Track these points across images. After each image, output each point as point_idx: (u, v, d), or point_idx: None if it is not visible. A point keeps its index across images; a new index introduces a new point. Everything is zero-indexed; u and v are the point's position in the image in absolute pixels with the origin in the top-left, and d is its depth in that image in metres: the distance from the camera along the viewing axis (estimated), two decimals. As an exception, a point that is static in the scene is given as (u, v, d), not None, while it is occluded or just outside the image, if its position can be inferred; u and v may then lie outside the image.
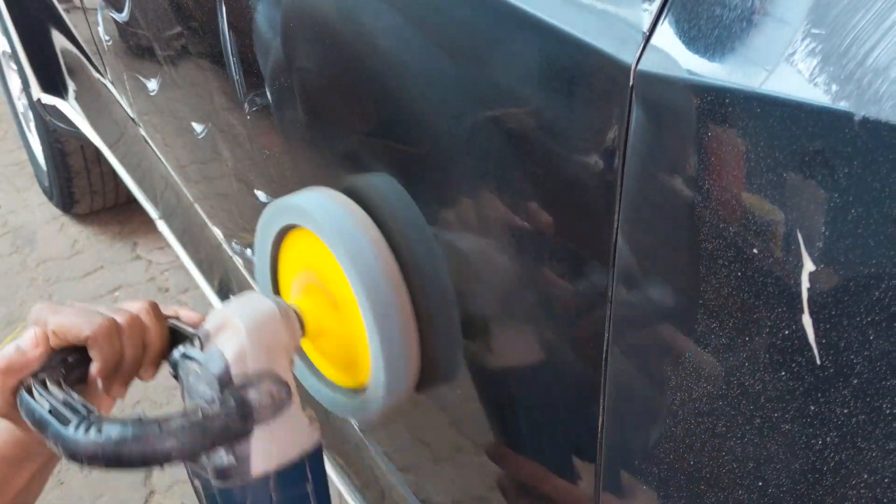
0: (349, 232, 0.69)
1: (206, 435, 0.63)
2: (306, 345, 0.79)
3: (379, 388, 0.71)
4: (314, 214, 0.71)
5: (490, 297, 0.65)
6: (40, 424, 0.64)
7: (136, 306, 0.75)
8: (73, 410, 0.63)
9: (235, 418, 0.64)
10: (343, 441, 1.21)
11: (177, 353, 0.70)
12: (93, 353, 0.71)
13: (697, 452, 0.47)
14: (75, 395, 0.66)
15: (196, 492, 0.73)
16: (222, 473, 0.67)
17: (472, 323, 0.68)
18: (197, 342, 0.68)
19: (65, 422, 0.62)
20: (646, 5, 0.45)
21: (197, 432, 0.62)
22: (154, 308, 0.76)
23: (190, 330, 0.75)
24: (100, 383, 0.72)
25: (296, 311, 0.73)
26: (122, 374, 0.73)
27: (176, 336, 0.76)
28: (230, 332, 0.67)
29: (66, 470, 1.86)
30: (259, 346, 0.67)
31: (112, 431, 0.60)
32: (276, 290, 0.85)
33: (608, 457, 0.55)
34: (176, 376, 0.70)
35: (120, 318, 0.72)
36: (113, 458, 0.61)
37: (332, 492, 0.77)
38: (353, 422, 1.11)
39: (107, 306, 0.74)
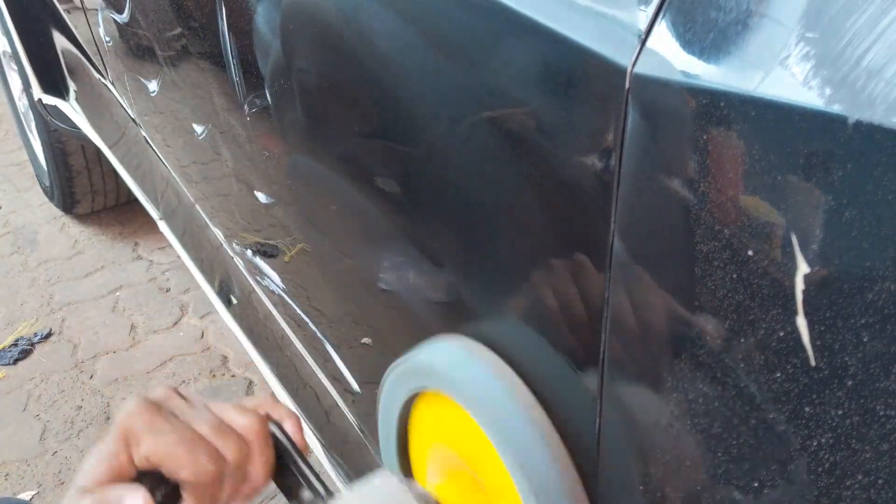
0: (499, 401, 0.56)
1: None
2: None
3: None
4: (453, 377, 0.59)
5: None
6: None
7: (246, 424, 0.62)
8: None
9: None
10: (343, 441, 1.22)
11: None
12: (187, 498, 0.60)
13: (693, 454, 0.47)
14: None
15: None
16: None
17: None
18: None
19: None
20: (642, 8, 0.45)
21: None
22: (265, 430, 0.63)
23: (298, 461, 0.64)
24: None
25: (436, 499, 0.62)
26: None
27: (279, 456, 0.64)
28: None
29: (66, 470, 1.86)
30: None
31: None
32: (406, 466, 0.72)
33: (606, 457, 0.55)
34: None
35: (228, 452, 0.60)
36: None
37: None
38: (352, 420, 1.11)
39: (213, 425, 0.60)
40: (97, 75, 1.85)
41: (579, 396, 0.56)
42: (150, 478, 0.58)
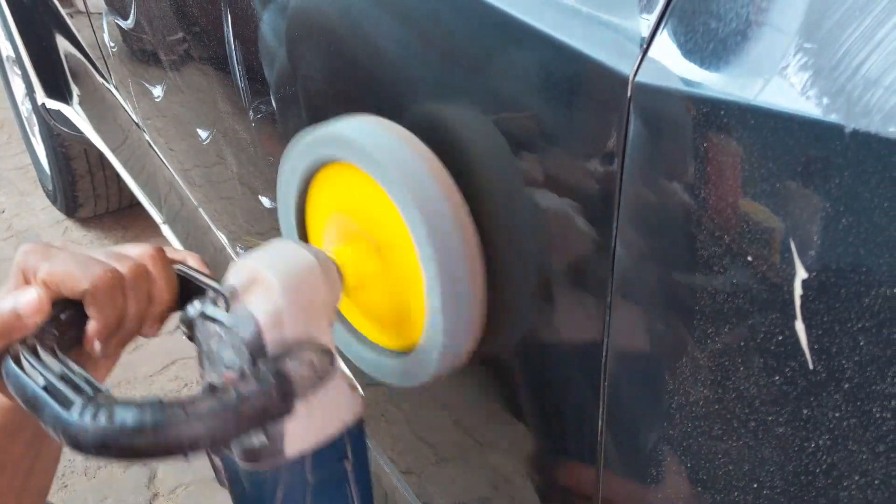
0: (413, 168, 0.58)
1: (240, 419, 0.51)
2: (343, 300, 0.67)
3: (434, 348, 0.61)
4: (364, 146, 0.59)
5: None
6: (34, 403, 0.53)
7: (139, 251, 0.64)
8: (75, 388, 0.52)
9: (274, 397, 0.52)
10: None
11: (193, 310, 0.58)
12: (91, 311, 0.60)
13: (694, 455, 0.48)
14: (75, 367, 0.55)
15: (216, 472, 0.63)
16: (251, 455, 0.57)
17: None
18: (221, 301, 0.56)
19: (66, 403, 0.50)
20: (643, 18, 0.46)
21: (230, 416, 0.50)
22: (160, 254, 0.65)
23: (203, 279, 0.65)
24: (98, 346, 0.61)
25: (334, 262, 0.62)
26: (122, 333, 0.63)
27: (185, 286, 0.65)
28: (261, 289, 0.56)
29: (69, 472, 1.87)
30: (297, 306, 0.56)
31: (126, 417, 0.48)
32: (304, 236, 0.73)
33: (608, 458, 0.56)
34: (191, 337, 0.59)
35: (122, 268, 0.61)
36: (128, 449, 0.49)
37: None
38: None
39: (105, 252, 0.63)
40: (101, 80, 1.86)
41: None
42: (54, 306, 0.60)
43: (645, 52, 0.45)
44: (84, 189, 2.60)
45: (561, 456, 0.64)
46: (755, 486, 0.45)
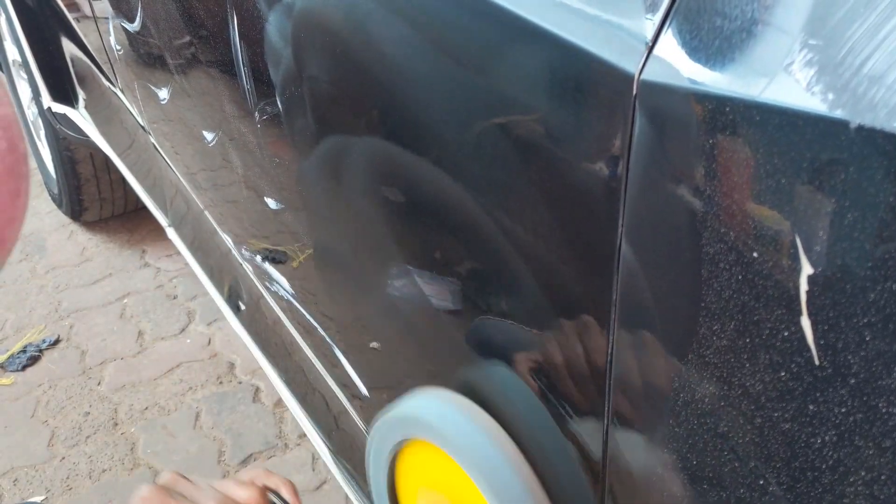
0: (483, 447, 0.61)
1: None
2: None
3: None
4: (439, 427, 0.63)
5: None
6: None
7: (247, 496, 0.70)
8: None
9: None
10: (351, 448, 1.22)
11: None
12: None
13: (700, 452, 0.48)
14: None
15: None
16: None
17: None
18: None
19: None
20: (649, 16, 0.46)
21: None
22: (264, 499, 0.72)
23: None
24: None
25: None
26: None
27: None
28: None
29: (74, 475, 1.87)
30: None
31: None
32: None
33: (613, 457, 0.56)
34: None
35: None
36: None
37: (339, 496, 0.77)
38: (361, 425, 1.12)
39: (219, 495, 0.68)
40: (107, 83, 1.86)
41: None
42: None
43: (650, 50, 0.46)
44: (89, 193, 2.61)
45: (566, 456, 0.64)
46: (761, 482, 0.45)
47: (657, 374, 0.50)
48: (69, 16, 2.00)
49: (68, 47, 2.12)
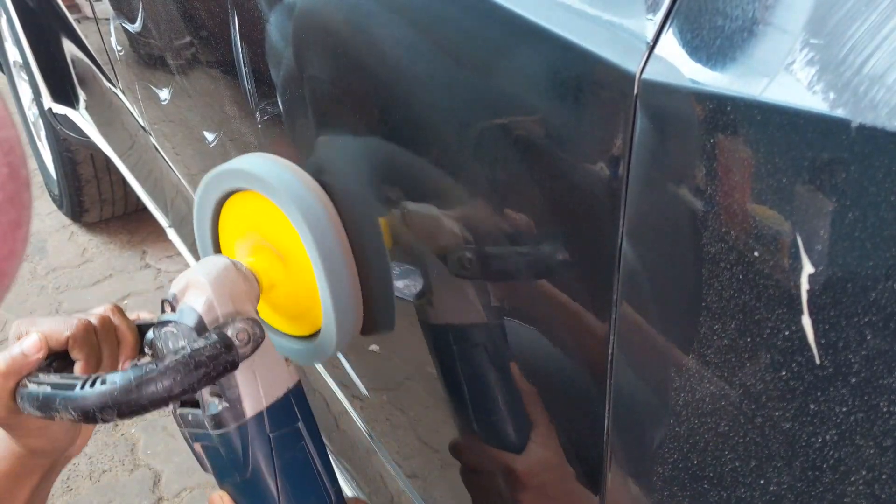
0: (303, 194, 0.76)
1: (198, 366, 0.65)
2: (260, 304, 0.83)
3: (331, 332, 0.79)
4: (266, 178, 0.77)
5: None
6: (47, 402, 0.67)
7: (103, 308, 0.81)
8: (74, 380, 0.67)
9: (220, 348, 0.67)
10: (352, 448, 1.22)
11: (150, 332, 0.74)
12: (75, 354, 0.76)
13: (701, 452, 0.48)
14: (68, 375, 0.72)
15: (198, 458, 0.78)
16: (218, 420, 0.71)
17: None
18: (167, 306, 0.73)
19: (70, 388, 0.66)
20: (650, 16, 0.46)
21: (190, 365, 0.65)
22: (118, 308, 0.83)
23: (152, 317, 0.82)
24: None
25: (249, 269, 0.78)
26: (103, 370, 0.78)
27: (144, 330, 0.80)
28: (195, 289, 0.72)
29: (74, 476, 1.87)
30: (224, 294, 0.72)
31: (116, 379, 0.64)
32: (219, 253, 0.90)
33: (614, 457, 0.56)
34: (153, 354, 0.75)
35: (93, 320, 0.78)
36: (124, 406, 0.63)
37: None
38: (362, 426, 1.12)
39: (77, 315, 0.79)
40: (107, 84, 1.86)
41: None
42: (47, 358, 0.75)
43: (651, 49, 0.46)
44: (90, 194, 2.61)
45: (567, 456, 0.65)
46: (762, 482, 0.45)
47: (658, 374, 0.50)
48: (70, 17, 2.00)
49: (69, 48, 2.12)
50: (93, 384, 0.64)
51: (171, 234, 1.88)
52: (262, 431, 0.72)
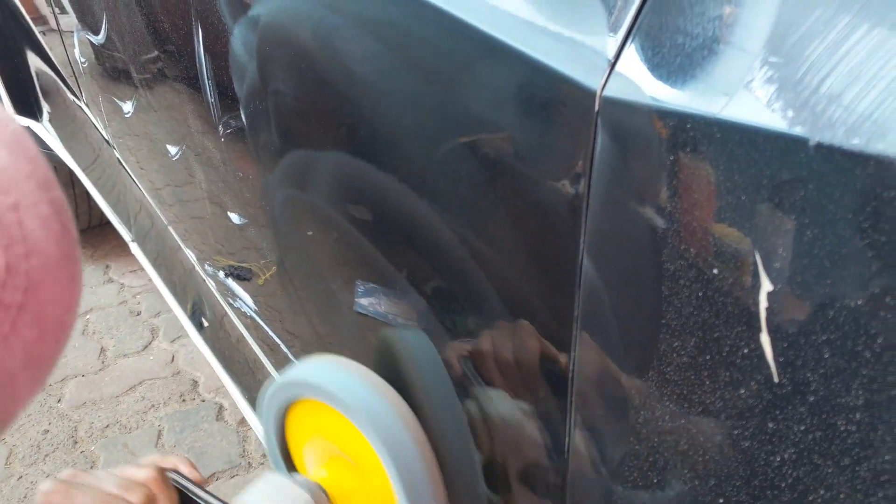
0: (373, 409, 0.69)
1: None
2: None
3: None
4: (331, 391, 0.71)
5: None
6: None
7: (145, 476, 0.76)
8: None
9: None
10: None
11: None
12: None
13: (661, 471, 0.48)
14: None
15: None
16: None
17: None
18: None
19: None
20: (611, 33, 0.46)
21: None
22: (162, 475, 0.77)
23: (199, 494, 0.78)
24: None
25: (322, 489, 0.74)
26: None
27: (183, 498, 0.79)
28: None
29: (32, 495, 1.83)
30: None
31: None
32: (288, 460, 0.85)
33: (575, 475, 0.56)
34: None
35: (136, 499, 0.73)
36: None
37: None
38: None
39: (116, 482, 0.74)
40: (71, 97, 1.84)
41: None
42: None
43: (612, 66, 0.46)
44: (53, 207, 2.57)
45: (528, 475, 0.64)
46: (721, 501, 0.45)
47: (619, 392, 0.50)
48: (35, 29, 1.98)
49: (33, 61, 2.09)
50: None
51: (135, 248, 1.86)
52: None
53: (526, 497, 0.65)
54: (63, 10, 1.66)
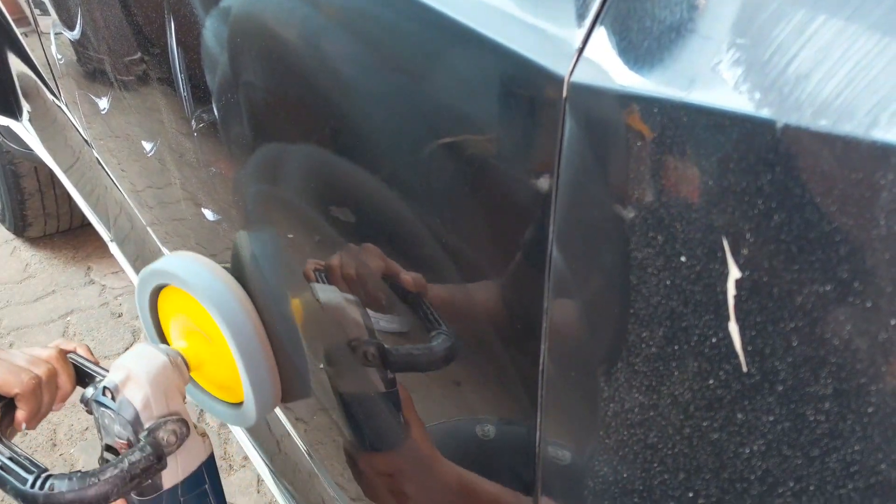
0: (217, 289, 0.89)
1: (133, 478, 0.81)
2: (194, 373, 0.97)
3: (251, 404, 0.92)
4: (186, 278, 0.90)
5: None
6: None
7: (48, 353, 0.93)
8: (24, 467, 0.81)
9: (153, 459, 0.83)
10: (295, 470, 1.20)
11: (90, 393, 0.87)
12: (20, 405, 0.89)
13: (630, 464, 0.47)
14: (19, 451, 0.84)
15: None
16: (141, 492, 0.88)
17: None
18: (108, 393, 0.85)
19: (21, 479, 0.79)
20: (579, 18, 0.45)
21: (126, 476, 0.81)
22: (62, 353, 0.95)
23: (92, 367, 0.98)
24: (24, 426, 0.91)
25: (181, 355, 0.91)
26: (40, 414, 0.92)
27: (79, 372, 0.98)
28: (134, 384, 0.85)
29: (5, 500, 1.81)
30: (159, 392, 0.86)
31: (62, 486, 0.78)
32: (160, 334, 1.05)
33: (545, 471, 0.55)
34: (89, 411, 0.89)
35: (41, 372, 0.90)
36: None
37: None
38: (303, 448, 1.10)
39: (25, 357, 0.92)
40: (51, 97, 1.82)
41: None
42: None
43: (580, 51, 0.45)
44: (34, 208, 2.55)
45: (499, 472, 0.63)
46: (690, 495, 0.44)
47: (588, 384, 0.49)
48: (17, 30, 1.96)
49: (13, 61, 2.07)
50: (42, 485, 0.78)
51: (114, 248, 1.84)
52: (174, 498, 0.90)
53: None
54: (44, 12, 1.64)
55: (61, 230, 2.71)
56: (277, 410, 1.16)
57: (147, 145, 1.18)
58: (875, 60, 0.33)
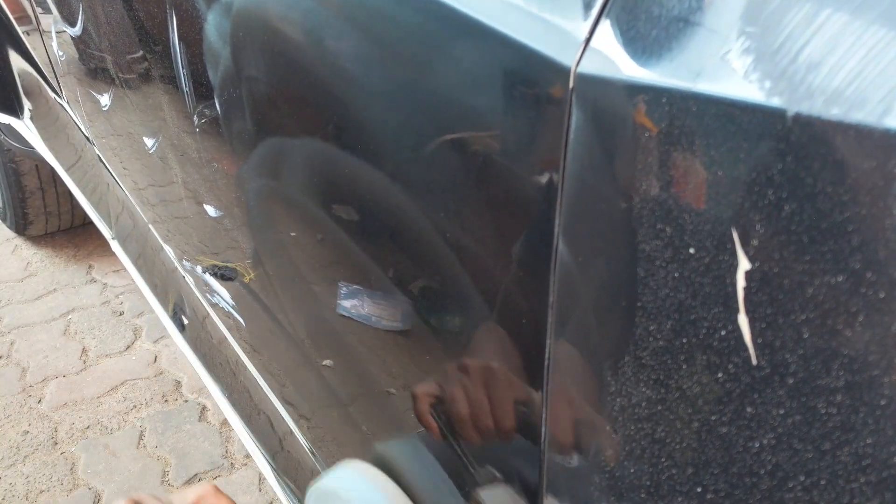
0: None
1: None
2: None
3: None
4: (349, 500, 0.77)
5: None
6: None
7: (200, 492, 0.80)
8: None
9: None
10: (297, 468, 1.19)
11: None
12: None
13: (637, 459, 0.46)
14: None
15: None
16: None
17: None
18: None
19: None
20: (585, 8, 0.45)
21: None
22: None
23: None
24: None
25: None
26: None
27: None
28: None
29: (10, 497, 1.81)
30: None
31: None
32: None
33: (551, 467, 0.54)
34: None
35: None
36: None
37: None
38: (306, 445, 1.09)
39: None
40: (53, 95, 1.82)
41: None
42: None
43: (587, 42, 0.44)
44: (35, 206, 2.54)
45: (504, 467, 0.62)
46: (699, 489, 0.43)
47: (595, 378, 0.48)
48: (19, 28, 1.96)
49: (15, 59, 2.07)
50: None
51: (115, 246, 1.84)
52: None
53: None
54: (46, 10, 1.64)
55: (62, 228, 2.70)
56: (280, 407, 1.16)
57: (149, 142, 1.17)
58: (889, 46, 0.33)
